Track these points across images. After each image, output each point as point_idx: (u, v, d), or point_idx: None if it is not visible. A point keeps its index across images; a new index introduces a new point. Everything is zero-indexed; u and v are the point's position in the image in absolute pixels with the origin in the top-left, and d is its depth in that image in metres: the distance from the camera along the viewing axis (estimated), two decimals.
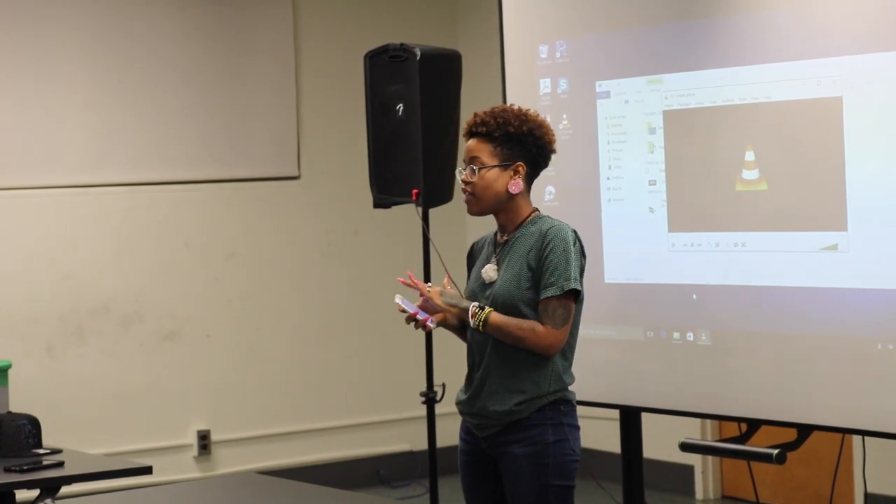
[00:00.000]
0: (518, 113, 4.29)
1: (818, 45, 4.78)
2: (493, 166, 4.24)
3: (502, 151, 4.25)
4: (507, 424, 4.22)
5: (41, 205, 7.40)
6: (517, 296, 4.20)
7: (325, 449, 8.09)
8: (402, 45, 5.88)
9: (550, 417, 4.22)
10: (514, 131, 4.25)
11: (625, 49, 5.34)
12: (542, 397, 4.21)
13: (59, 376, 7.39)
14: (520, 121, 4.27)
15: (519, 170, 4.26)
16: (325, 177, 8.14)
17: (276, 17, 7.98)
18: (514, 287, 4.21)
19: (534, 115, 4.32)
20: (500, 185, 4.25)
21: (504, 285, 4.23)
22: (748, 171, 4.97)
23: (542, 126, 4.31)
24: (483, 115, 4.29)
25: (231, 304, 7.86)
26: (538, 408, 4.21)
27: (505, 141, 4.25)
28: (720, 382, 5.10)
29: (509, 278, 4.23)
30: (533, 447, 4.20)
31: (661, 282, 5.24)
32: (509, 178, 4.25)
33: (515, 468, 4.21)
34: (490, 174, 4.24)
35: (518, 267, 4.23)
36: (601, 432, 6.86)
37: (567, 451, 4.22)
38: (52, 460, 5.06)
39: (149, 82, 7.62)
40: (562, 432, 4.22)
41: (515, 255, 4.25)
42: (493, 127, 4.25)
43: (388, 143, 5.93)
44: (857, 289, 4.70)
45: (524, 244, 4.25)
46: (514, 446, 4.21)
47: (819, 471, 6.80)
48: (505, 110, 4.30)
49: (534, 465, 4.19)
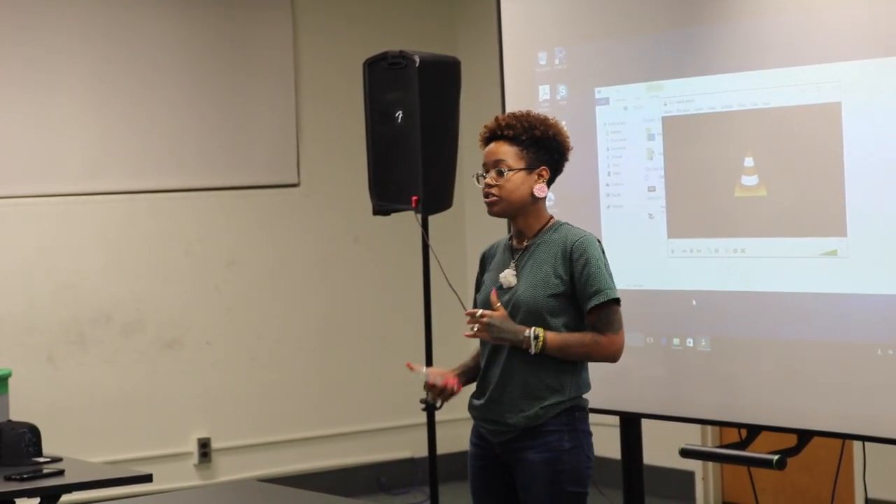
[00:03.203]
0: (542, 118, 4.29)
1: (817, 50, 4.78)
2: (519, 169, 4.23)
3: (528, 155, 4.24)
4: (523, 430, 4.20)
5: (42, 213, 7.40)
6: (541, 302, 4.19)
7: (325, 456, 8.08)
8: (402, 52, 5.88)
9: (567, 423, 4.21)
10: (540, 135, 4.24)
11: (624, 55, 5.34)
12: (561, 403, 4.20)
13: (59, 384, 7.38)
14: (545, 126, 4.27)
15: (543, 174, 4.26)
16: (324, 184, 8.14)
17: (276, 24, 7.99)
18: (539, 293, 4.19)
19: (554, 121, 4.32)
20: (526, 189, 4.24)
21: (528, 291, 4.21)
22: (747, 177, 4.97)
23: (563, 132, 4.31)
24: (508, 118, 4.27)
25: (231, 312, 7.86)
26: (556, 413, 4.20)
27: (531, 144, 4.24)
28: (720, 388, 5.10)
29: (533, 284, 4.21)
30: (549, 453, 4.18)
31: (661, 288, 5.24)
32: (534, 181, 4.25)
33: (530, 474, 4.20)
34: (517, 177, 4.23)
35: (543, 274, 4.21)
36: (601, 438, 6.81)
37: (582, 457, 4.22)
38: (52, 468, 5.06)
39: (149, 90, 7.62)
40: (577, 439, 4.22)
41: (538, 262, 4.23)
42: (520, 130, 4.23)
43: (388, 150, 5.94)
44: (857, 294, 4.69)
45: (547, 251, 4.23)
46: (530, 452, 4.20)
47: (819, 476, 6.80)
48: (528, 114, 4.29)
49: (549, 471, 4.18)
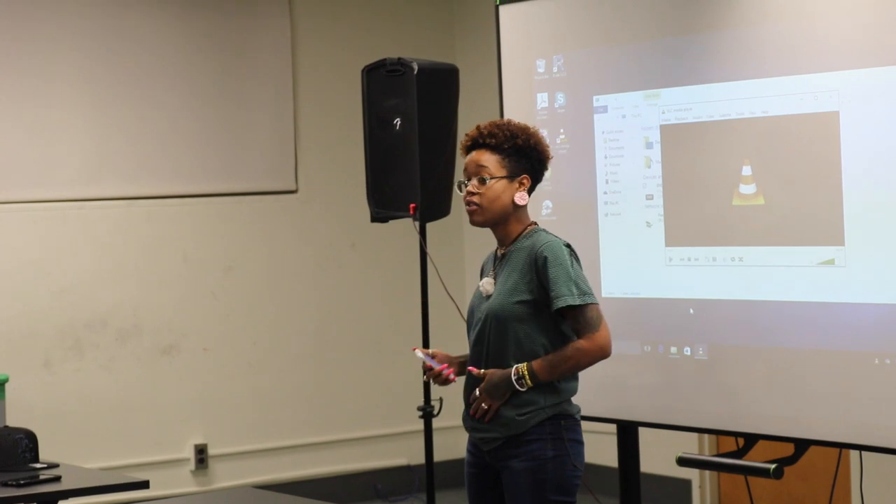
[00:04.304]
0: (522, 126, 4.33)
1: (815, 59, 4.78)
2: (501, 177, 4.26)
3: (510, 163, 4.27)
4: (508, 438, 4.22)
5: (38, 219, 7.40)
6: (508, 309, 4.21)
7: (322, 463, 8.08)
8: (400, 59, 5.88)
9: (550, 432, 4.22)
10: (521, 144, 4.28)
11: (622, 64, 5.34)
12: (541, 410, 4.20)
13: (56, 390, 7.37)
14: (526, 134, 4.31)
15: (524, 182, 4.29)
16: (322, 191, 8.14)
17: (274, 31, 7.99)
18: (507, 300, 4.22)
19: (535, 130, 4.36)
20: (507, 197, 4.27)
21: (497, 299, 4.25)
22: (745, 186, 4.97)
23: (543, 142, 4.36)
24: (490, 127, 4.31)
25: (229, 318, 7.85)
26: (538, 422, 4.20)
27: (513, 153, 4.27)
28: (717, 397, 5.10)
29: (503, 292, 4.25)
30: (532, 462, 4.20)
31: (658, 296, 5.24)
32: (515, 189, 4.27)
33: (515, 482, 4.22)
34: (498, 185, 4.26)
35: (512, 281, 4.25)
36: (598, 447, 6.82)
37: (568, 466, 4.22)
38: (48, 474, 5.05)
39: (146, 96, 7.62)
40: (562, 447, 4.22)
41: (511, 269, 4.27)
42: (502, 139, 4.27)
43: (386, 157, 5.93)
44: (855, 303, 4.69)
45: (518, 258, 4.26)
46: (514, 460, 4.22)
47: (816, 485, 6.80)
48: (509, 123, 4.33)
49: (532, 479, 4.19)
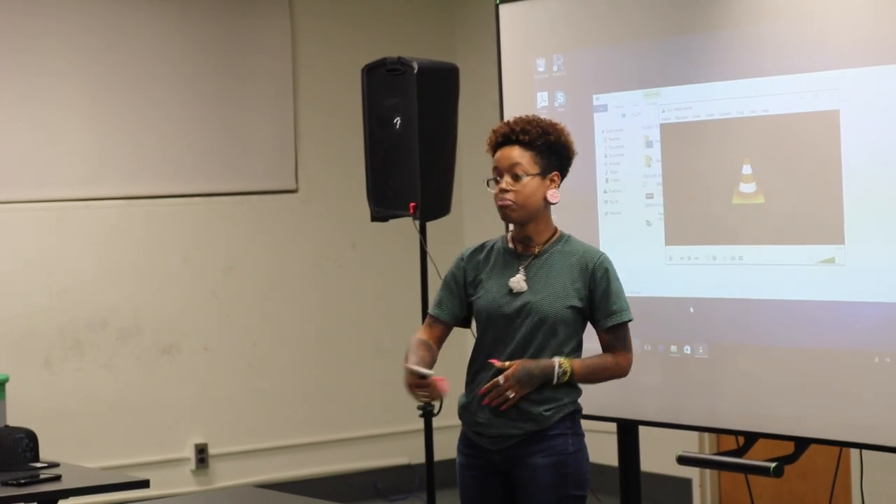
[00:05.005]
0: (552, 123, 4.26)
1: (815, 58, 4.78)
2: (535, 174, 4.21)
3: (542, 160, 4.21)
4: (530, 434, 4.19)
5: (39, 218, 7.40)
6: (560, 313, 4.19)
7: (322, 462, 8.08)
8: (400, 58, 5.88)
9: (570, 427, 4.23)
10: (553, 140, 4.22)
11: (622, 62, 5.34)
12: (563, 406, 4.21)
13: (56, 390, 7.38)
14: (556, 131, 4.24)
15: (555, 179, 4.24)
16: (322, 190, 8.14)
17: (274, 31, 7.99)
18: (558, 303, 4.19)
19: (562, 126, 4.29)
20: (540, 195, 4.21)
21: (547, 300, 4.19)
22: (745, 185, 4.97)
23: (570, 138, 4.29)
24: (521, 122, 4.23)
25: (229, 318, 7.85)
26: (561, 417, 4.20)
27: (545, 150, 4.21)
28: (717, 396, 5.10)
29: (552, 294, 4.20)
30: (555, 457, 4.18)
31: (659, 295, 5.24)
32: (547, 187, 4.22)
33: (535, 479, 4.19)
34: (533, 182, 4.20)
35: (560, 285, 4.20)
36: (598, 445, 6.81)
37: (584, 460, 4.25)
38: (49, 474, 5.06)
39: (146, 96, 7.62)
40: (579, 442, 4.24)
41: (554, 272, 4.22)
42: (535, 135, 4.20)
43: (386, 156, 5.93)
44: (855, 302, 4.69)
45: (562, 262, 4.22)
46: (536, 457, 4.19)
47: (816, 484, 6.79)
48: (539, 119, 4.26)
49: (556, 474, 4.18)
